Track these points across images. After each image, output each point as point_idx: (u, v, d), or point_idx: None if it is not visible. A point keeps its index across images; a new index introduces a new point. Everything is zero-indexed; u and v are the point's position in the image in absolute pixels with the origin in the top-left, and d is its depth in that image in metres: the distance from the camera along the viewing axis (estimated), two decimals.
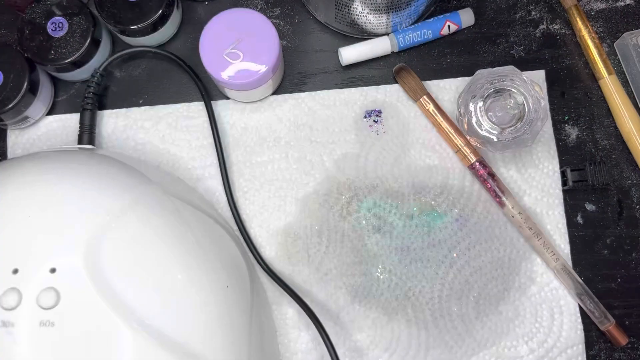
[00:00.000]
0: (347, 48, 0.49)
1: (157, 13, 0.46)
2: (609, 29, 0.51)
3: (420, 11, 0.48)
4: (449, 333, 0.47)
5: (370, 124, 0.50)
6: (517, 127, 0.45)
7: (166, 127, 0.50)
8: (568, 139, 0.50)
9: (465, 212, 0.48)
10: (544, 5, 0.51)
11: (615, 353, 0.48)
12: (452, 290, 0.48)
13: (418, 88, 0.49)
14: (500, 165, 0.49)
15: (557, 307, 0.48)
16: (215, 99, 0.50)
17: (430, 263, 0.48)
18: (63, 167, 0.39)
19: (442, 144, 0.49)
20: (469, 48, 0.51)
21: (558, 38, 0.51)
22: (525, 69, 0.50)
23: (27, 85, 0.46)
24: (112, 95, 0.50)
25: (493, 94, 0.45)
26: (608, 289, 0.48)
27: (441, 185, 0.49)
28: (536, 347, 0.47)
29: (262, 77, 0.45)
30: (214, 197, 0.49)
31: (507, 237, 0.48)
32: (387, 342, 0.47)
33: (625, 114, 0.48)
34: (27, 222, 0.35)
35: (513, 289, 0.48)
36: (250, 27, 0.44)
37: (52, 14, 0.46)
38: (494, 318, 0.48)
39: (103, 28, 0.49)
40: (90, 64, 0.48)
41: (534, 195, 0.49)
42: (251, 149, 0.49)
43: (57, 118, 0.50)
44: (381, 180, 0.49)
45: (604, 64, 0.49)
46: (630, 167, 0.49)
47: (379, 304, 0.48)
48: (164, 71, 0.51)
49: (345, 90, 0.50)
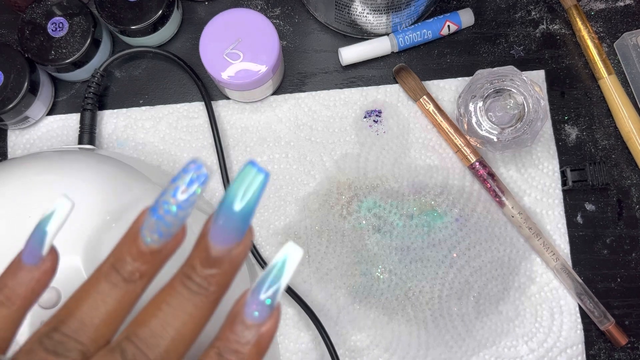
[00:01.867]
0: (347, 48, 0.49)
1: (158, 13, 0.46)
2: (609, 29, 0.51)
3: (420, 11, 0.48)
4: (449, 333, 0.47)
5: (370, 124, 0.50)
6: (517, 127, 0.45)
7: (166, 127, 0.50)
8: (568, 139, 0.50)
9: (465, 212, 0.48)
10: (544, 6, 0.51)
11: (615, 353, 0.48)
12: (452, 290, 0.48)
13: (418, 88, 0.49)
14: (500, 165, 0.49)
15: (557, 307, 0.48)
16: (216, 99, 0.50)
17: (430, 263, 0.48)
18: (63, 167, 0.39)
19: (442, 144, 0.49)
20: (469, 48, 0.51)
21: (558, 38, 0.51)
22: (525, 69, 0.50)
23: (27, 86, 0.46)
24: (112, 95, 0.50)
25: (493, 94, 0.45)
26: (608, 289, 0.48)
27: (441, 185, 0.49)
28: (536, 347, 0.47)
29: (262, 77, 0.45)
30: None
31: (507, 237, 0.48)
32: (387, 342, 0.47)
33: (625, 114, 0.48)
34: (27, 222, 0.35)
35: (513, 288, 0.48)
36: (250, 27, 0.44)
37: (52, 14, 0.46)
38: (494, 318, 0.48)
39: (103, 28, 0.49)
40: (90, 64, 0.48)
41: (534, 195, 0.49)
42: (251, 149, 0.49)
43: (57, 118, 0.50)
44: (381, 180, 0.49)
45: (604, 64, 0.49)
46: (629, 167, 0.49)
47: (379, 303, 0.48)
48: (164, 71, 0.51)
49: (345, 91, 0.50)
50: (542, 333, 0.47)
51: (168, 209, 0.22)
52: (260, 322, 0.22)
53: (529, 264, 0.48)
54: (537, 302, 0.48)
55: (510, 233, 0.48)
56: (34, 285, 0.24)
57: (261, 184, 0.22)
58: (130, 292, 0.23)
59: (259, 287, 0.22)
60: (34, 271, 0.24)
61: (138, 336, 0.22)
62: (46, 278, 0.24)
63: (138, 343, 0.22)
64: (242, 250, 0.23)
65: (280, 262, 0.22)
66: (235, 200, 0.21)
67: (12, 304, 0.23)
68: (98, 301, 0.22)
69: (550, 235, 0.48)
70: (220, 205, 0.22)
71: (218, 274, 0.22)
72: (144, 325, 0.22)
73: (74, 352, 0.22)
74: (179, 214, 0.22)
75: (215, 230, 0.22)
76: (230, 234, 0.22)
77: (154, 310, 0.22)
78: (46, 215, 0.23)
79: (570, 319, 0.48)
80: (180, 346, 0.22)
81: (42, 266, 0.24)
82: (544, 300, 0.48)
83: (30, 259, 0.24)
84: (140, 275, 0.23)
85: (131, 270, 0.23)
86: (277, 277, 0.22)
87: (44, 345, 0.22)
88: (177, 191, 0.22)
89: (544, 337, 0.47)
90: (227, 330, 0.23)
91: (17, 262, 0.24)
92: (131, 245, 0.23)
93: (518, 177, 0.49)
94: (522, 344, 0.47)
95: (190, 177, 0.22)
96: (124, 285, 0.23)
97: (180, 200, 0.22)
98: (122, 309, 0.23)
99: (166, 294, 0.23)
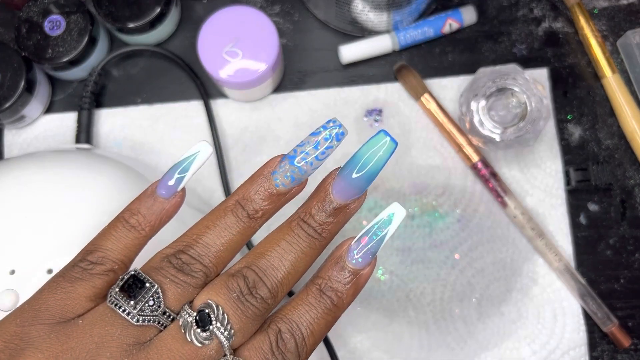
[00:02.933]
0: (347, 46, 0.49)
1: (155, 11, 0.46)
2: (612, 27, 0.51)
3: (421, 9, 0.48)
4: (450, 335, 0.47)
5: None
6: (520, 126, 0.44)
7: (164, 126, 0.49)
8: (571, 138, 0.49)
9: (467, 213, 0.48)
10: (547, 3, 0.51)
11: (618, 355, 0.47)
12: (454, 291, 0.47)
13: (419, 87, 0.48)
14: (503, 165, 0.49)
15: (559, 309, 0.47)
16: (214, 98, 0.50)
17: (432, 264, 0.47)
18: (60, 166, 0.39)
19: (443, 144, 0.49)
20: (471, 46, 0.50)
21: (560, 36, 0.50)
22: (528, 68, 0.49)
23: (24, 84, 0.45)
24: (109, 94, 0.50)
25: (495, 92, 0.45)
26: (611, 290, 0.48)
27: (443, 185, 0.48)
28: (538, 349, 0.47)
29: (262, 76, 0.44)
30: (213, 197, 0.48)
31: (510, 238, 0.48)
32: (388, 344, 0.47)
33: (629, 113, 0.48)
34: (24, 222, 0.35)
35: (515, 290, 0.47)
36: (249, 25, 0.44)
37: (49, 12, 0.46)
38: (496, 319, 0.47)
39: (100, 26, 0.48)
40: (87, 62, 0.48)
41: (537, 196, 0.48)
42: (250, 149, 0.49)
43: (54, 117, 0.50)
44: (382, 180, 0.48)
45: (607, 63, 0.49)
46: (633, 166, 0.49)
47: (380, 305, 0.47)
48: (162, 70, 0.50)
49: (345, 89, 0.50)
50: (544, 335, 0.47)
51: (305, 157, 0.25)
52: (360, 268, 0.25)
53: (532, 265, 0.48)
54: (539, 303, 0.47)
55: (512, 234, 0.48)
56: (162, 215, 0.26)
57: (390, 150, 0.25)
58: (251, 228, 0.26)
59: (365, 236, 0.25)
60: (165, 203, 0.26)
61: (258, 266, 0.25)
62: (173, 211, 0.27)
63: (257, 271, 0.25)
64: (356, 206, 0.26)
65: (386, 218, 0.25)
66: (363, 160, 0.25)
67: (142, 229, 0.26)
68: (223, 231, 0.25)
69: (553, 236, 0.48)
70: (349, 163, 0.25)
71: (332, 222, 0.26)
72: (262, 257, 0.25)
73: (199, 273, 0.24)
74: (314, 164, 0.25)
75: (338, 185, 0.25)
76: (352, 190, 0.25)
77: (272, 246, 0.25)
78: (190, 155, 0.26)
79: (573, 321, 0.47)
80: (291, 279, 0.25)
81: (173, 200, 0.26)
82: (547, 301, 0.47)
83: (165, 192, 0.26)
84: (262, 213, 0.26)
85: (256, 208, 0.26)
86: (382, 229, 0.25)
87: (172, 264, 0.24)
88: (317, 144, 0.25)
89: (547, 339, 0.47)
90: (330, 269, 0.25)
91: (151, 193, 0.26)
92: (261, 186, 0.26)
93: (520, 177, 0.49)
94: (525, 345, 0.47)
95: (329, 132, 0.25)
96: (247, 220, 0.26)
97: (319, 152, 0.25)
98: (241, 241, 0.26)
99: (284, 233, 0.26)
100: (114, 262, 0.25)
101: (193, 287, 0.24)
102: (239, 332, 0.24)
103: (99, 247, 0.25)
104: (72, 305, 0.24)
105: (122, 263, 0.25)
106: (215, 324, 0.23)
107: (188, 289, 0.24)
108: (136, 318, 0.23)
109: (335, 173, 0.26)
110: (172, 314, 0.24)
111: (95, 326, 0.23)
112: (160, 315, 0.24)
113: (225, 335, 0.23)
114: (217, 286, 0.24)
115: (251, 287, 0.24)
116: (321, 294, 0.25)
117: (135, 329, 0.23)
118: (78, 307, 0.24)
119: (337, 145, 0.25)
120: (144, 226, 0.26)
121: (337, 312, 0.25)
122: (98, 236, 0.26)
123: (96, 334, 0.23)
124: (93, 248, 0.25)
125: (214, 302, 0.24)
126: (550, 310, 0.47)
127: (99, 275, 0.24)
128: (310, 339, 0.25)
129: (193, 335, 0.23)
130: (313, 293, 0.25)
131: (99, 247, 0.25)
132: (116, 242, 0.25)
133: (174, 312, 0.24)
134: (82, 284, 0.24)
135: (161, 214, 0.26)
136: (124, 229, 0.26)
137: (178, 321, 0.24)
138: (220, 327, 0.23)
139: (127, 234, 0.26)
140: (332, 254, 0.26)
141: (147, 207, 0.26)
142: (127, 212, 0.26)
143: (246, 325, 0.24)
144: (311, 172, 0.26)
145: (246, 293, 0.24)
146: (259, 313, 0.24)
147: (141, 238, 0.26)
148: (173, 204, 0.26)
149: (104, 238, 0.26)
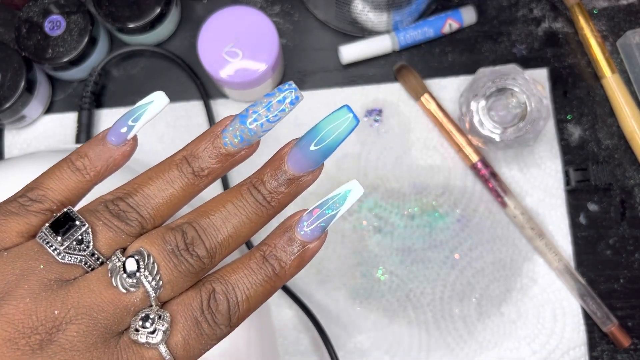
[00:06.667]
0: (347, 46, 0.49)
1: (155, 11, 0.46)
2: (612, 27, 0.51)
3: (421, 9, 0.48)
4: (450, 335, 0.47)
5: (370, 124, 0.49)
6: (520, 126, 0.44)
7: (165, 126, 0.49)
8: (570, 138, 0.49)
9: (467, 213, 0.48)
10: (546, 4, 0.51)
11: (618, 354, 0.47)
12: (454, 291, 0.47)
13: (419, 87, 0.48)
14: (502, 165, 0.49)
15: (559, 309, 0.47)
16: (214, 98, 0.50)
17: (432, 264, 0.47)
18: None
19: (443, 144, 0.49)
20: (471, 46, 0.50)
21: (560, 36, 0.50)
22: (528, 68, 0.49)
23: (24, 85, 0.45)
24: (110, 94, 0.50)
25: (495, 92, 0.45)
26: (611, 290, 0.48)
27: (443, 185, 0.48)
28: (538, 349, 0.47)
29: (262, 76, 0.44)
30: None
31: (509, 238, 0.48)
32: (388, 344, 0.47)
33: (628, 113, 0.48)
34: None
35: (515, 290, 0.47)
36: (249, 25, 0.44)
37: (49, 12, 0.46)
38: (496, 319, 0.47)
39: (101, 26, 0.48)
40: (87, 62, 0.47)
41: (536, 196, 0.48)
42: None
43: (54, 117, 0.50)
44: (382, 180, 0.48)
45: (607, 63, 0.49)
46: (633, 166, 0.49)
47: (379, 305, 0.47)
48: (162, 70, 0.50)
49: (345, 89, 0.50)
50: (544, 335, 0.47)
51: (257, 118, 0.24)
52: (308, 241, 0.25)
53: (532, 265, 0.48)
54: (539, 303, 0.47)
55: (512, 234, 0.48)
56: (110, 163, 0.26)
57: (351, 128, 0.24)
58: (194, 186, 0.25)
59: (319, 208, 0.25)
60: (114, 150, 0.26)
61: (199, 224, 0.24)
62: (122, 160, 0.26)
63: (198, 229, 0.24)
64: (310, 180, 0.25)
65: (342, 193, 0.25)
66: (322, 133, 0.24)
67: (87, 173, 0.25)
68: (166, 184, 0.25)
69: (552, 235, 0.48)
70: (308, 134, 0.24)
71: (283, 193, 0.25)
72: (206, 216, 0.24)
73: (134, 222, 0.24)
74: (265, 126, 0.25)
75: (294, 155, 0.25)
76: (307, 162, 0.25)
77: (218, 206, 0.25)
78: (143, 103, 0.25)
79: (573, 321, 0.47)
80: (232, 243, 0.24)
81: (122, 148, 0.26)
82: (547, 301, 0.47)
83: (115, 138, 0.26)
84: (208, 172, 0.25)
85: (202, 166, 0.25)
86: (336, 204, 0.25)
87: (109, 209, 0.24)
88: (269, 105, 0.24)
89: (547, 339, 0.47)
90: (277, 238, 0.25)
91: (102, 139, 0.26)
92: (209, 143, 0.25)
93: (520, 177, 0.49)
94: (525, 345, 0.47)
95: (284, 95, 0.24)
96: (192, 177, 0.25)
97: (271, 114, 0.24)
98: (183, 198, 0.25)
99: (233, 196, 0.25)
100: (53, 202, 0.24)
101: (127, 234, 0.24)
102: (168, 285, 0.23)
103: (41, 185, 0.25)
104: (1, 237, 0.23)
105: (62, 204, 0.25)
106: (143, 271, 0.23)
107: (121, 235, 0.24)
108: (62, 255, 0.23)
109: (292, 143, 0.25)
110: (102, 257, 0.23)
111: (19, 259, 0.23)
112: (88, 257, 0.23)
113: (153, 285, 0.23)
114: (153, 236, 0.24)
115: (188, 244, 0.24)
116: (264, 260, 0.24)
117: (60, 266, 0.23)
118: (7, 240, 0.23)
119: (290, 110, 0.24)
120: (89, 170, 0.25)
121: (277, 282, 0.25)
122: (42, 175, 0.25)
123: (18, 267, 0.23)
124: (34, 185, 0.25)
125: (146, 250, 0.23)
126: (550, 310, 0.47)
127: (35, 212, 0.24)
128: (245, 305, 0.24)
129: (119, 280, 0.23)
130: (256, 258, 0.24)
131: (41, 185, 0.25)
132: (58, 182, 0.25)
133: (104, 255, 0.23)
134: (15, 219, 0.24)
135: (108, 160, 0.26)
136: (69, 170, 0.25)
137: (107, 265, 0.23)
138: (149, 275, 0.23)
139: (70, 175, 0.25)
140: (282, 223, 0.26)
141: (95, 151, 0.25)
142: (74, 154, 0.26)
143: (177, 279, 0.23)
144: (262, 135, 0.25)
145: (182, 248, 0.23)
146: (193, 270, 0.24)
147: (85, 182, 0.25)
148: (122, 153, 0.26)
149: (47, 177, 0.25)
